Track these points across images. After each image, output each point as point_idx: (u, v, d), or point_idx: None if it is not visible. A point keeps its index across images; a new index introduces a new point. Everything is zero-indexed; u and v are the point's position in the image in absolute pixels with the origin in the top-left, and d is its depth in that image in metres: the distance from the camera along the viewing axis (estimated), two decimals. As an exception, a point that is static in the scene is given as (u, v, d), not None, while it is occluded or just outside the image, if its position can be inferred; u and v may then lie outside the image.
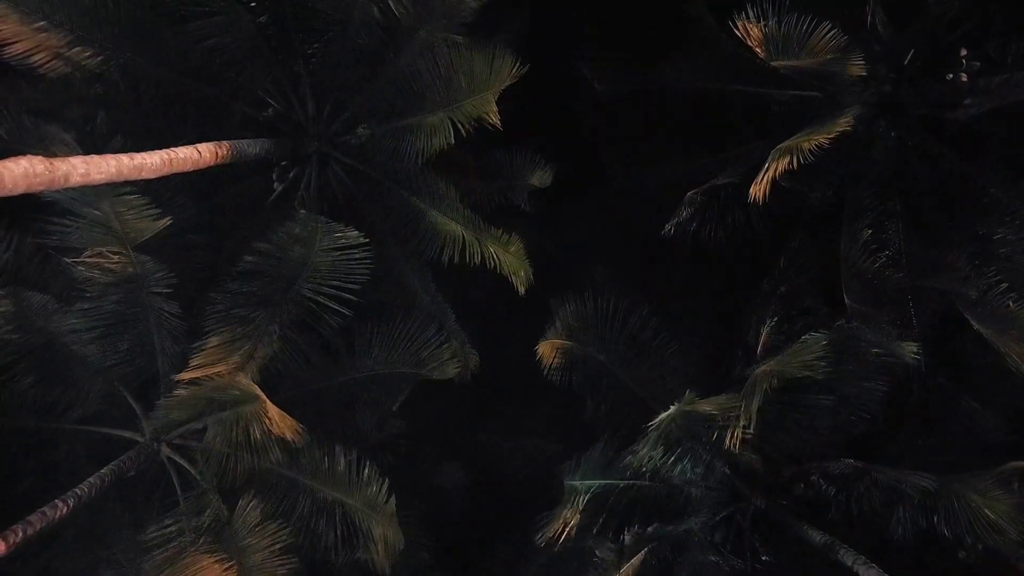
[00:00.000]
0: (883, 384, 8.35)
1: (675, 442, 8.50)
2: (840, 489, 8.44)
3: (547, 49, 10.84)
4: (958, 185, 9.31)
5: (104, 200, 8.05)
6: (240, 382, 8.48)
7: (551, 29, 11.77)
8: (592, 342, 9.46)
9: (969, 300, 8.26)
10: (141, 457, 9.00)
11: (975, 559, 8.58)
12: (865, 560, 7.79)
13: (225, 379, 8.41)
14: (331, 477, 8.64)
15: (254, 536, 8.32)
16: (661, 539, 8.64)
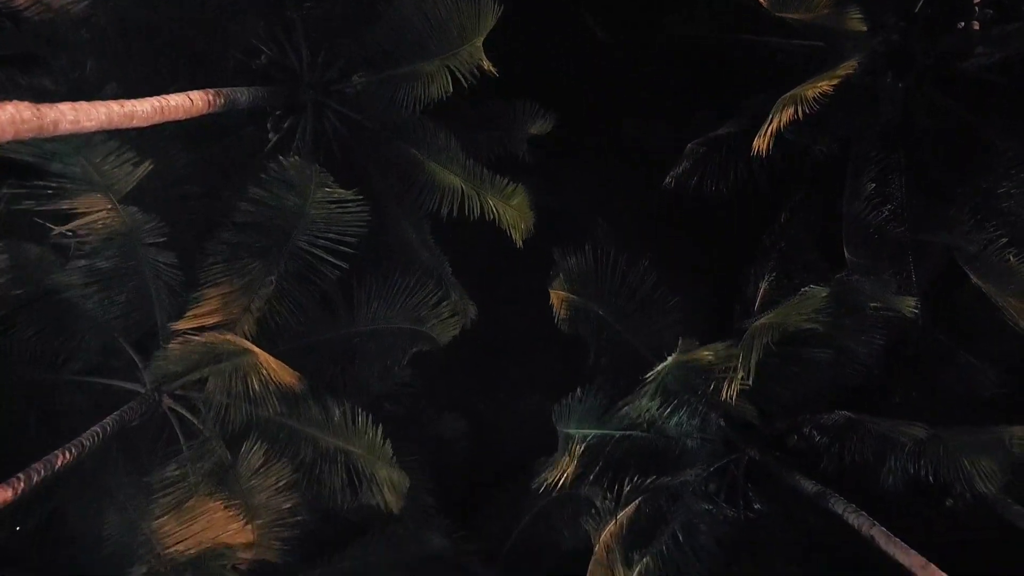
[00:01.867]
0: (881, 338, 8.39)
1: (672, 394, 8.59)
2: (833, 440, 8.57)
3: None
4: (963, 138, 9.17)
5: (93, 150, 7.91)
6: (232, 340, 8.54)
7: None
8: (592, 295, 9.45)
9: (969, 254, 8.24)
10: (143, 407, 9.11)
11: (962, 507, 8.78)
12: (855, 508, 7.96)
13: (218, 338, 8.46)
14: (330, 426, 8.75)
15: (257, 478, 8.49)
16: (656, 489, 8.80)
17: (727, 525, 8.99)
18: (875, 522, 7.74)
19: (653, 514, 8.68)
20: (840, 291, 7.88)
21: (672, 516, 8.72)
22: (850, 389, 8.88)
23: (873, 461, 8.50)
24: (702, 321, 10.01)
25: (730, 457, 9.18)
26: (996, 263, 8.17)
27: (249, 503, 8.57)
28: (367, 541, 9.86)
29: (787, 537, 9.04)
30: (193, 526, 8.25)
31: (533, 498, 10.34)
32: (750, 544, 9.01)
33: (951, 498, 8.90)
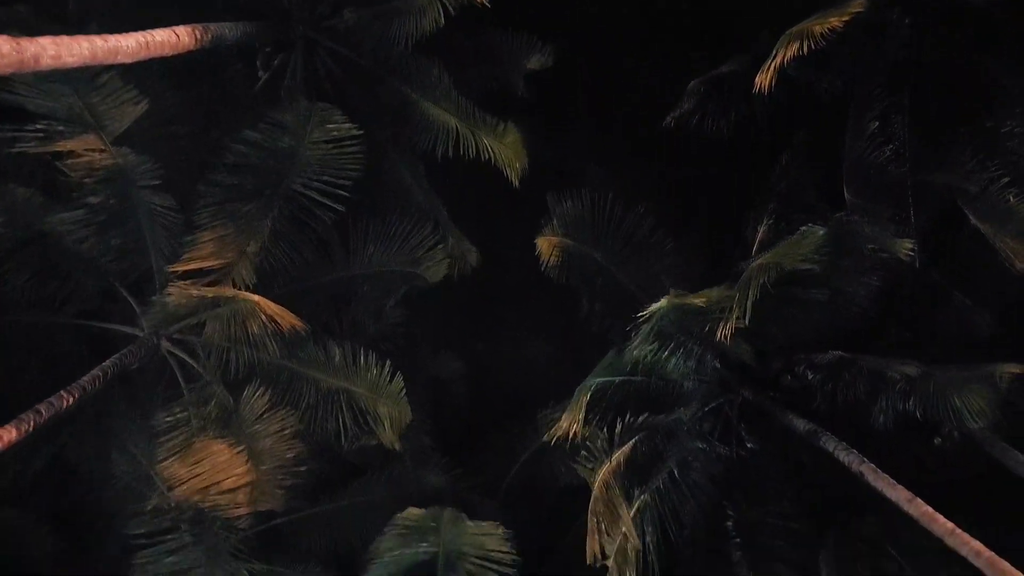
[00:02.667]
0: (877, 279, 8.41)
1: (668, 336, 8.64)
2: (826, 379, 8.67)
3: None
4: (969, 76, 8.98)
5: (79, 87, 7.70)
6: (229, 292, 8.51)
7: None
8: (588, 240, 9.40)
9: (970, 195, 8.18)
10: (142, 351, 9.15)
11: (950, 445, 8.99)
12: (846, 446, 8.12)
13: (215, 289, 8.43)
14: (332, 367, 8.82)
15: (261, 423, 8.60)
16: (651, 428, 8.95)
17: (720, 463, 9.19)
18: (864, 459, 7.91)
19: (649, 453, 8.84)
20: (838, 232, 7.85)
21: (668, 455, 8.90)
22: (845, 331, 8.93)
23: (865, 400, 8.62)
24: (699, 265, 10.01)
25: (724, 397, 9.31)
26: (996, 204, 8.12)
27: (253, 448, 8.72)
28: (367, 481, 10.10)
29: (779, 474, 9.26)
30: (198, 468, 8.41)
31: (531, 438, 10.58)
32: (742, 481, 9.23)
33: (939, 437, 9.12)
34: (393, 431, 8.76)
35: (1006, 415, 8.25)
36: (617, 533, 7.88)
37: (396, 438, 8.77)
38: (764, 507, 9.06)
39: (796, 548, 8.81)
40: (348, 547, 9.78)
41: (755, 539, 8.87)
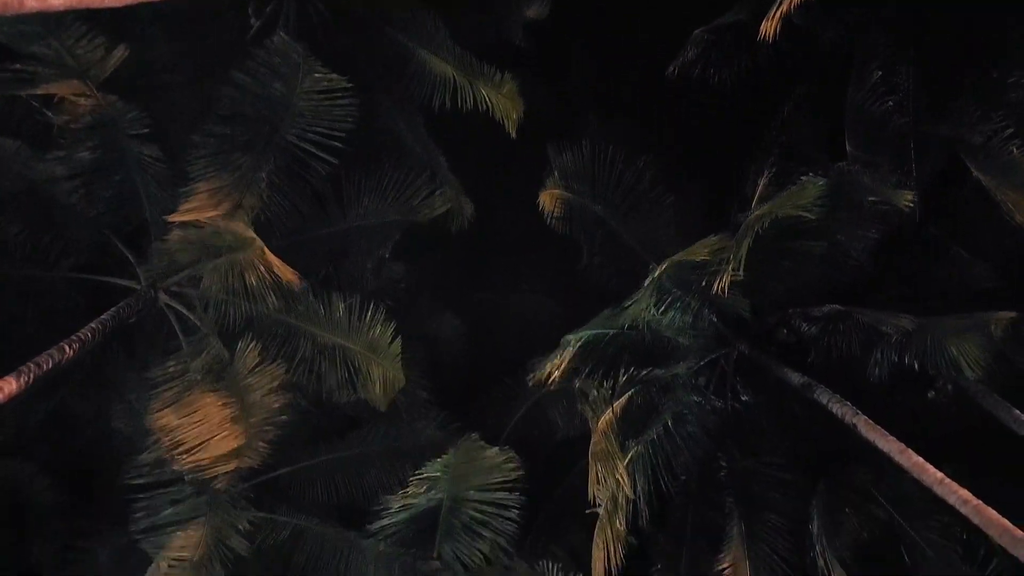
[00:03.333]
0: (875, 232, 8.38)
1: (666, 292, 8.64)
2: (821, 332, 8.71)
3: None
4: (976, 25, 8.78)
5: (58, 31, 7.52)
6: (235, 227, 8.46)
7: None
8: (588, 193, 9.33)
9: (972, 146, 8.08)
10: (140, 304, 9.16)
11: (943, 399, 9.07)
12: (839, 398, 8.19)
13: (220, 223, 8.37)
14: (329, 322, 8.84)
15: (254, 376, 8.63)
16: (648, 381, 9.02)
17: (715, 415, 9.28)
18: (858, 411, 7.99)
19: (645, 405, 8.93)
20: (838, 183, 7.77)
21: (663, 407, 8.98)
22: (841, 285, 8.94)
23: (860, 353, 8.67)
24: (699, 219, 9.96)
25: (720, 351, 9.35)
26: (998, 156, 8.03)
27: (245, 401, 8.77)
28: (364, 433, 10.20)
29: (772, 426, 9.37)
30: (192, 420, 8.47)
31: (529, 392, 10.67)
32: (736, 433, 9.35)
33: (933, 390, 9.20)
34: (384, 393, 8.81)
35: (1000, 367, 8.33)
36: (610, 482, 8.00)
37: (385, 400, 8.82)
38: (757, 458, 9.18)
39: (788, 498, 8.96)
40: (348, 497, 9.94)
41: (747, 489, 9.00)
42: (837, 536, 8.47)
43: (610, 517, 7.79)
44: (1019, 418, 7.98)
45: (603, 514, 7.83)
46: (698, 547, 9.14)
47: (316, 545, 9.45)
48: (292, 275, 8.29)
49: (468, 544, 8.95)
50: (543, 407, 10.61)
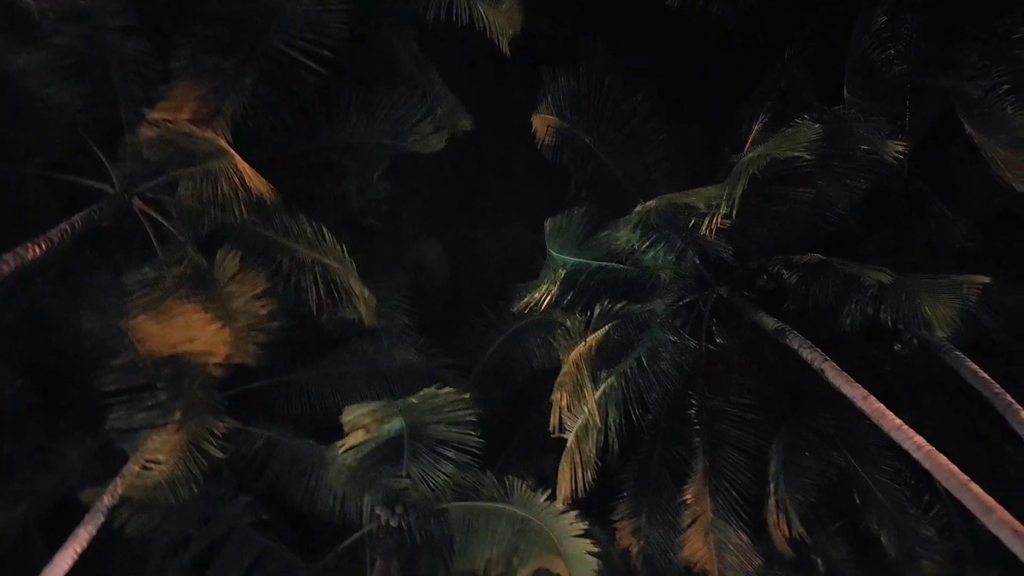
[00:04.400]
0: (864, 183, 8.39)
1: (653, 228, 8.65)
2: (801, 280, 8.82)
3: None
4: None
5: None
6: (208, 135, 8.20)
7: None
8: (581, 122, 9.20)
9: (968, 100, 8.04)
10: (113, 208, 8.92)
11: (908, 352, 9.33)
12: (810, 345, 8.36)
13: (194, 129, 8.09)
14: (307, 238, 8.71)
15: (234, 284, 8.55)
16: (626, 316, 9.11)
17: (688, 355, 9.47)
18: (827, 357, 8.18)
19: (621, 340, 9.05)
20: (833, 129, 7.72)
21: (638, 343, 9.12)
22: (825, 234, 9.02)
23: (835, 303, 8.83)
24: (691, 158, 9.88)
25: (700, 293, 9.47)
26: (993, 112, 8.01)
27: (227, 307, 8.71)
28: (343, 353, 10.24)
29: (743, 368, 9.60)
30: (170, 326, 8.41)
31: (508, 321, 10.74)
32: (707, 373, 9.56)
33: (900, 343, 9.44)
34: (366, 308, 8.77)
35: (966, 326, 8.55)
36: (580, 411, 8.17)
37: (369, 315, 8.80)
38: (726, 398, 9.42)
39: (751, 437, 9.24)
40: (323, 415, 10.04)
41: (714, 427, 9.27)
42: (794, 476, 8.82)
43: (579, 443, 7.99)
44: (976, 373, 8.21)
45: (572, 440, 8.02)
46: (663, 479, 9.47)
47: (288, 458, 9.62)
48: (265, 187, 8.09)
49: (432, 466, 9.15)
50: (520, 337, 10.70)
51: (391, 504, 9.44)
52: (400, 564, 9.48)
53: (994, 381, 7.98)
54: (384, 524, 9.49)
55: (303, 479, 9.54)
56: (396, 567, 9.50)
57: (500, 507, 8.53)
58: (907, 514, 8.99)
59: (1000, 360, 9.07)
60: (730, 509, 8.87)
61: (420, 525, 9.36)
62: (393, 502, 9.42)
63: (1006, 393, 7.76)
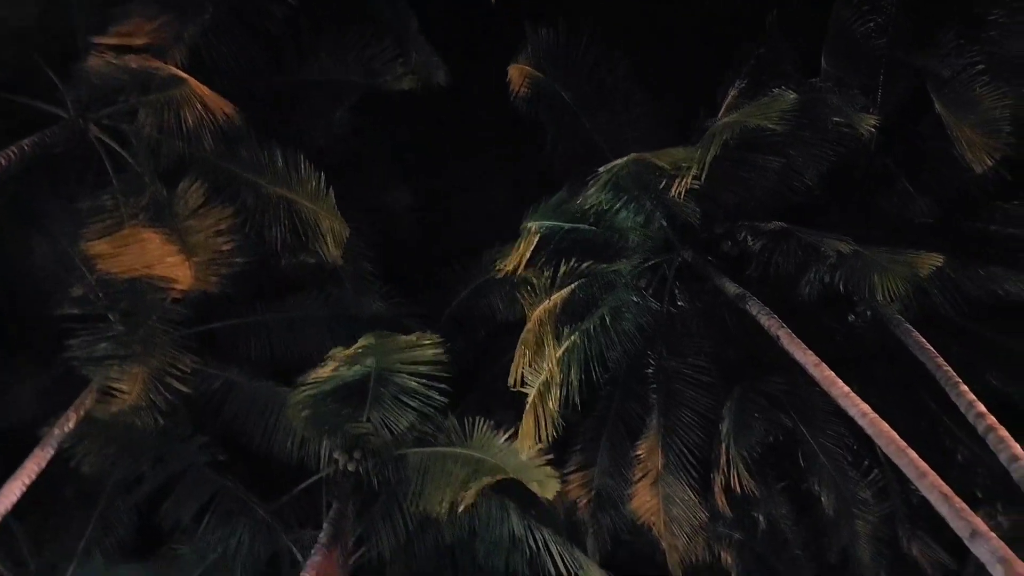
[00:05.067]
0: (832, 154, 8.49)
1: (623, 189, 8.64)
2: (764, 247, 8.98)
3: None
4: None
5: None
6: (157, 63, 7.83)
7: None
8: (559, 76, 9.06)
9: (940, 79, 8.14)
10: (66, 134, 8.54)
11: (861, 323, 9.63)
12: (769, 311, 8.56)
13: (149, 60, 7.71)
14: (273, 173, 8.48)
15: (196, 218, 8.32)
16: (592, 276, 9.18)
17: (650, 316, 9.61)
18: (783, 324, 8.40)
19: (586, 298, 9.13)
20: (808, 99, 7.76)
21: (603, 302, 9.20)
22: (790, 204, 9.14)
23: (795, 272, 9.05)
24: (667, 122, 9.83)
25: (665, 256, 9.57)
26: (964, 92, 8.13)
27: (187, 241, 8.48)
28: (305, 297, 10.12)
29: (701, 331, 9.80)
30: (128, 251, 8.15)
31: (474, 274, 10.72)
32: (667, 334, 9.75)
33: (854, 314, 9.73)
34: (335, 247, 8.63)
35: (917, 299, 8.85)
36: (542, 367, 8.26)
37: (338, 253, 8.66)
38: (683, 359, 9.64)
39: (705, 398, 9.52)
40: (283, 358, 9.97)
41: (670, 386, 9.51)
42: (744, 436, 9.12)
43: (541, 398, 8.10)
44: (922, 346, 8.50)
45: (533, 395, 8.13)
46: (618, 434, 9.72)
47: (247, 400, 9.55)
48: (228, 108, 7.79)
49: (396, 413, 9.20)
50: (485, 291, 10.70)
51: (350, 449, 9.52)
52: (356, 507, 9.63)
53: (938, 355, 8.31)
54: (342, 468, 9.60)
55: (261, 421, 9.50)
56: (352, 510, 9.65)
57: (457, 451, 8.65)
58: (847, 477, 9.42)
59: (947, 336, 9.47)
60: (680, 466, 9.18)
61: (378, 470, 9.49)
62: (352, 447, 9.51)
63: (948, 367, 8.07)
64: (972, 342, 9.51)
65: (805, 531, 10.27)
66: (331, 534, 9.14)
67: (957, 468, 9.50)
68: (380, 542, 9.91)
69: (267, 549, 9.83)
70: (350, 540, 9.55)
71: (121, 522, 10.02)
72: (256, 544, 9.68)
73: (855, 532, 9.48)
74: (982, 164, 8.01)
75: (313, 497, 9.96)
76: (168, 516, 9.57)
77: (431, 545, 10.05)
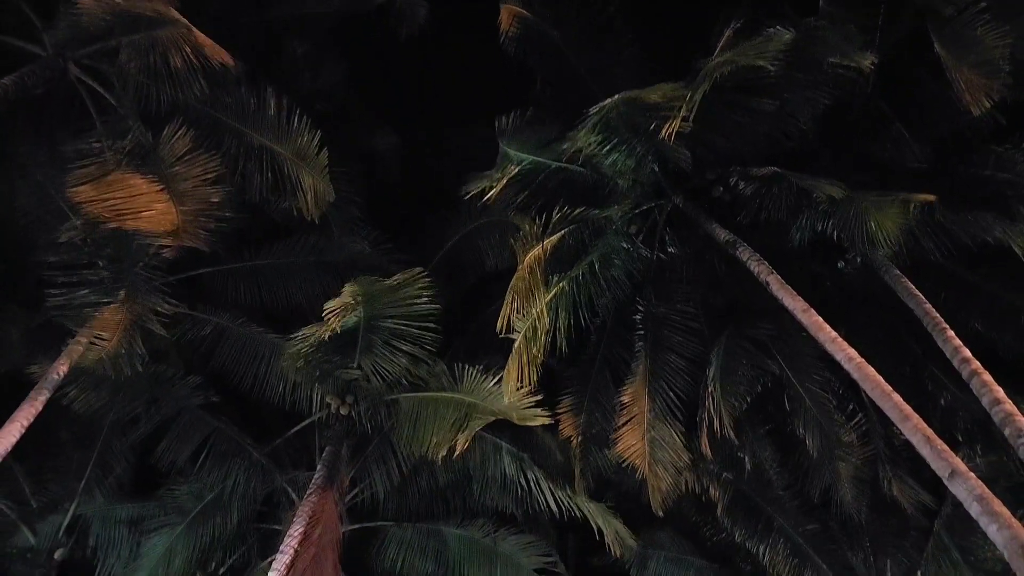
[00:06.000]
0: (827, 98, 8.34)
1: (613, 131, 8.49)
2: (756, 193, 8.90)
3: None
4: None
5: None
6: (155, 4, 7.61)
7: None
8: (548, 16, 8.81)
9: (942, 17, 7.92)
10: (46, 73, 8.34)
11: (851, 270, 9.64)
12: (759, 258, 8.53)
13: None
14: (259, 121, 8.33)
15: (183, 165, 8.21)
16: (582, 222, 9.12)
17: (640, 262, 9.60)
18: (773, 270, 8.39)
19: (575, 245, 9.09)
20: (804, 39, 7.57)
21: (592, 248, 9.17)
22: (783, 149, 9.01)
23: (786, 218, 8.99)
24: (659, 63, 9.60)
25: (656, 202, 9.48)
26: (964, 31, 7.92)
27: (174, 188, 8.37)
28: (293, 243, 10.08)
29: (691, 277, 9.81)
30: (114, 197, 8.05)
31: (464, 220, 10.66)
32: (656, 281, 9.76)
33: (844, 261, 9.72)
34: (316, 205, 8.55)
35: (907, 247, 8.83)
36: (530, 313, 8.29)
37: (317, 211, 8.58)
38: (672, 305, 9.67)
39: (693, 343, 9.60)
40: (273, 302, 10.00)
41: (658, 332, 9.56)
42: (731, 381, 9.22)
43: (527, 343, 8.15)
44: (910, 291, 8.51)
45: (520, 340, 8.17)
46: (604, 379, 9.82)
47: (237, 345, 9.62)
48: (225, 56, 7.61)
49: (387, 358, 9.28)
50: (475, 237, 10.67)
51: (342, 394, 9.65)
52: (349, 449, 9.82)
53: (926, 301, 8.34)
54: (334, 412, 9.74)
55: (252, 366, 9.59)
56: (346, 452, 9.84)
57: (448, 396, 8.76)
58: (832, 420, 9.56)
59: (935, 283, 9.52)
60: (666, 410, 9.31)
61: (370, 414, 9.63)
62: (344, 392, 9.63)
63: (936, 313, 8.11)
64: (960, 289, 9.56)
65: (789, 473, 10.50)
66: (325, 475, 9.33)
67: (939, 412, 9.67)
68: (374, 483, 10.17)
69: (263, 489, 10.07)
70: (345, 480, 9.78)
71: (119, 463, 10.26)
72: (252, 484, 9.91)
73: (838, 473, 9.67)
74: (980, 106, 7.86)
75: (306, 440, 10.15)
76: (164, 457, 9.79)
77: (425, 486, 10.32)
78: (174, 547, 9.61)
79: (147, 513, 9.87)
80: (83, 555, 10.02)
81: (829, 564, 10.36)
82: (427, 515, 10.45)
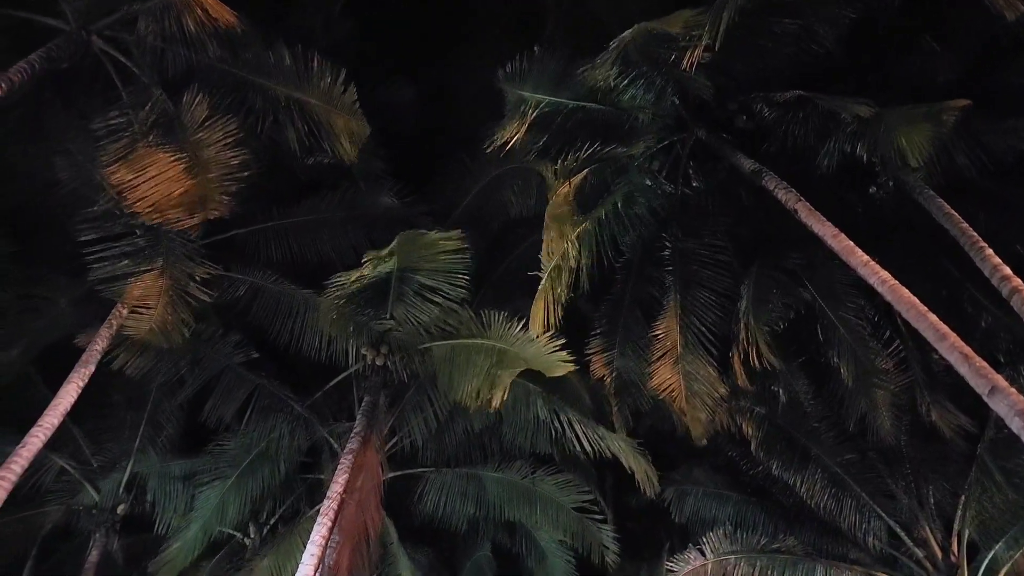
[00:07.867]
0: (853, 13, 8.04)
1: (632, 64, 8.35)
2: (780, 119, 8.68)
3: None
4: None
5: None
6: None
7: None
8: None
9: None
10: (71, 47, 8.53)
11: (883, 194, 9.39)
12: (786, 186, 8.37)
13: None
14: (280, 73, 8.41)
15: (204, 131, 8.37)
16: (604, 160, 9.05)
17: (664, 199, 9.51)
18: (801, 197, 8.23)
19: (598, 184, 9.04)
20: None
21: (615, 187, 9.11)
22: (808, 72, 8.74)
23: (814, 143, 8.75)
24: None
25: (678, 135, 9.32)
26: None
27: (198, 156, 8.55)
28: (321, 199, 10.22)
29: (717, 210, 9.68)
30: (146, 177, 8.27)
31: (485, 168, 10.65)
32: (682, 216, 9.66)
33: (875, 185, 9.48)
34: (352, 145, 8.63)
35: (941, 166, 8.56)
36: (557, 249, 8.29)
37: (354, 151, 8.66)
38: (699, 240, 9.59)
39: (722, 277, 9.52)
40: (303, 259, 10.21)
41: (686, 267, 9.50)
42: (763, 312, 9.16)
43: (552, 282, 8.19)
44: (944, 210, 8.28)
45: (545, 279, 8.21)
46: (634, 316, 9.83)
47: (272, 302, 9.88)
48: (231, 15, 7.69)
49: (420, 306, 9.44)
50: (497, 185, 10.65)
51: (377, 345, 9.87)
52: (387, 399, 10.08)
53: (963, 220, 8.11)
54: (370, 363, 9.98)
55: (288, 322, 9.86)
56: (384, 401, 10.11)
57: (479, 342, 8.90)
58: (867, 347, 9.43)
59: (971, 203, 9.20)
60: (699, 344, 9.30)
61: (405, 364, 9.85)
62: (378, 343, 9.85)
63: (973, 231, 7.89)
64: (998, 208, 9.24)
65: (824, 404, 10.44)
66: (365, 424, 9.64)
67: (979, 334, 9.46)
68: (412, 431, 10.45)
69: (306, 441, 10.44)
70: (384, 429, 10.07)
71: (169, 422, 10.73)
72: (296, 437, 10.29)
73: (874, 401, 9.57)
74: (1015, 10, 7.51)
75: (344, 392, 10.45)
76: (212, 414, 10.22)
77: (461, 432, 10.56)
78: (226, 499, 10.08)
79: (199, 468, 10.34)
80: (143, 509, 10.59)
81: (869, 493, 10.34)
82: (465, 460, 10.73)
